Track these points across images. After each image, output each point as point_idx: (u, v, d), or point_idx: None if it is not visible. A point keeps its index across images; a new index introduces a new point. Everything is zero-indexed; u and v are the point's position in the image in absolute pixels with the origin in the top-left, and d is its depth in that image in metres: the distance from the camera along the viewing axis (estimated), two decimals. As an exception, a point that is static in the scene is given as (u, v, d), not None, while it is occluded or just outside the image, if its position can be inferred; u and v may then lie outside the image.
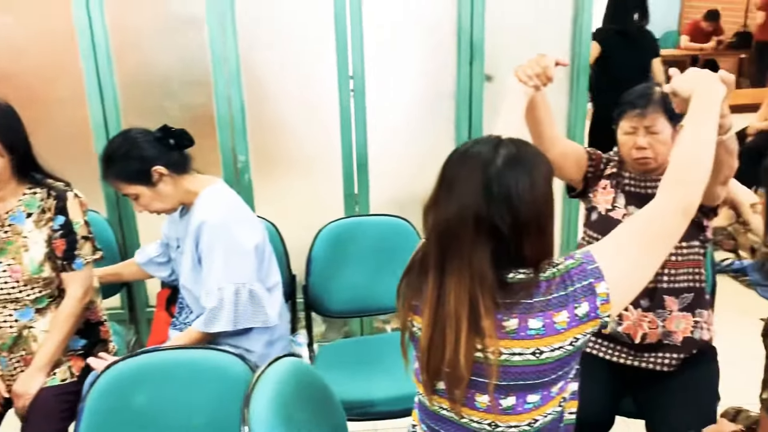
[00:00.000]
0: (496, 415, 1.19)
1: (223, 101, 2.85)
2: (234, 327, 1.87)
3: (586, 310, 1.15)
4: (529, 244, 1.15)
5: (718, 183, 1.67)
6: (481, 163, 1.15)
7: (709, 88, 1.33)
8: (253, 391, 1.31)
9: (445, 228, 1.16)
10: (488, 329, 1.12)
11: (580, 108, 3.01)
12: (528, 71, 1.61)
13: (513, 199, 1.13)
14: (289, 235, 2.52)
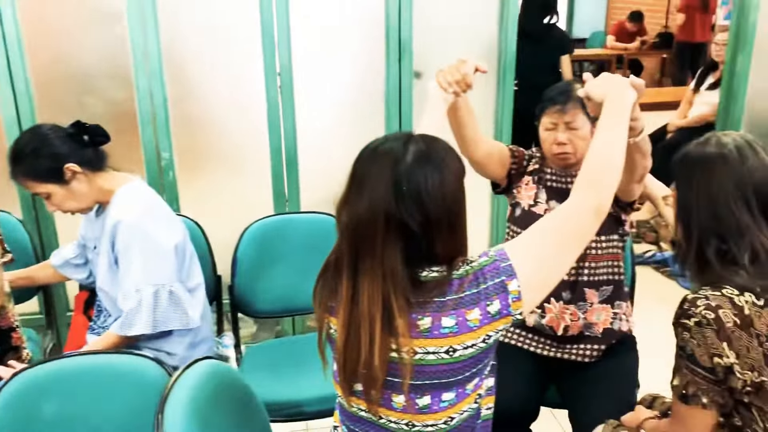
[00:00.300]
0: (413, 414, 1.18)
1: (145, 97, 2.76)
2: (153, 330, 1.81)
3: (498, 307, 1.15)
4: (441, 242, 1.15)
5: (634, 182, 1.73)
6: (391, 160, 1.14)
7: (620, 93, 1.36)
8: (168, 396, 1.27)
9: (356, 227, 1.14)
10: (402, 329, 1.11)
11: (506, 104, 3.06)
12: (448, 77, 1.61)
13: (423, 196, 1.12)
14: (217, 234, 2.46)
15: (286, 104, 2.85)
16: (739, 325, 1.25)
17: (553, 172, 1.92)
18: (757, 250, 1.32)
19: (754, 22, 3.16)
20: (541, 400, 1.92)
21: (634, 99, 1.37)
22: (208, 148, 2.94)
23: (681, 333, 1.31)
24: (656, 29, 8.90)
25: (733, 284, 1.30)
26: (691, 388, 1.30)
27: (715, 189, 1.35)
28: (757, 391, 1.25)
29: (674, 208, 1.46)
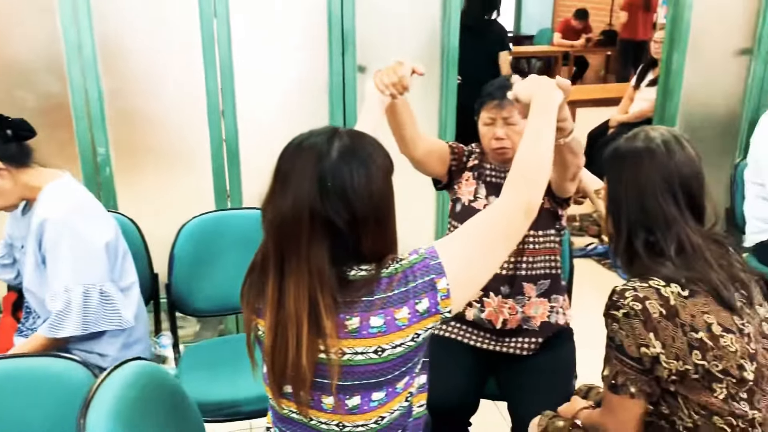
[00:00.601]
0: (342, 415, 1.17)
1: (79, 91, 2.68)
2: (84, 331, 1.75)
3: (427, 305, 1.14)
4: (369, 240, 1.13)
5: (567, 180, 1.76)
6: (316, 155, 1.12)
7: (547, 95, 1.37)
8: (92, 399, 1.22)
9: (280, 225, 1.12)
10: (329, 329, 1.09)
11: (450, 99, 3.07)
12: (384, 80, 1.60)
13: (348, 193, 1.10)
14: (156, 232, 2.40)
15: (227, 98, 2.80)
16: (665, 315, 1.28)
17: (493, 167, 1.93)
18: (683, 242, 1.35)
19: (689, 20, 3.25)
20: (480, 393, 1.94)
21: (560, 100, 1.39)
22: (146, 143, 2.86)
23: (610, 324, 1.33)
24: (601, 27, 9.09)
25: (660, 275, 1.32)
26: (620, 378, 1.33)
27: (642, 182, 1.38)
28: (682, 379, 1.28)
29: (605, 202, 1.48)
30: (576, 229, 4.24)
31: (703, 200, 1.41)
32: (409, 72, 1.62)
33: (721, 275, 1.34)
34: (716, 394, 1.27)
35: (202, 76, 2.76)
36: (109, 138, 2.77)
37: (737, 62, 3.41)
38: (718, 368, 1.26)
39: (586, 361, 1.98)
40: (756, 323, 1.35)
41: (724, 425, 1.27)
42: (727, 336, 1.28)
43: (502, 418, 2.36)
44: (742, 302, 1.35)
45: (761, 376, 1.29)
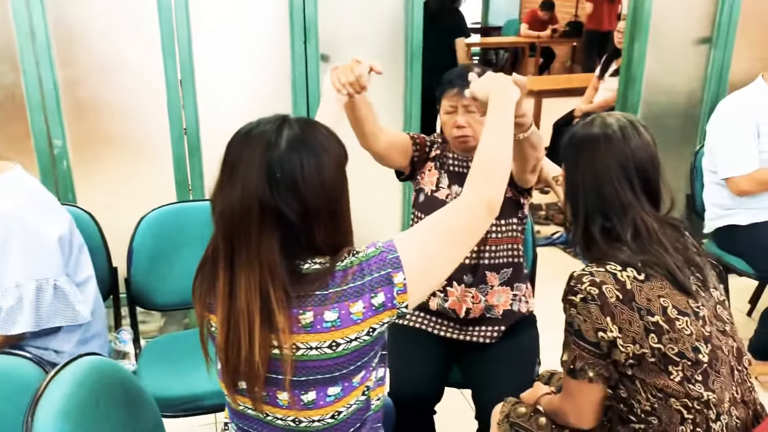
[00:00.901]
0: (298, 410, 1.14)
1: (33, 81, 2.60)
2: (37, 327, 1.70)
3: (383, 300, 1.11)
4: (321, 232, 1.11)
5: (527, 172, 1.77)
6: (264, 145, 1.08)
7: (503, 92, 1.35)
8: (41, 396, 1.19)
9: (230, 217, 1.08)
10: (282, 324, 1.07)
11: (414, 87, 3.06)
12: (342, 79, 1.58)
13: (298, 184, 1.07)
14: (116, 225, 2.34)
15: (187, 88, 2.75)
16: (622, 299, 1.28)
17: (455, 156, 1.93)
18: (639, 227, 1.36)
19: (649, 9, 3.29)
20: (445, 381, 1.94)
21: (517, 96, 1.38)
22: (105, 134, 2.80)
23: (568, 309, 1.34)
24: (567, 18, 9.15)
25: (617, 260, 1.33)
26: (578, 363, 1.33)
27: (599, 168, 1.38)
28: (639, 363, 1.29)
29: (563, 188, 1.49)
30: (542, 218, 4.27)
31: (659, 185, 1.42)
32: (366, 70, 1.59)
33: (677, 259, 1.35)
34: (672, 377, 1.28)
35: (161, 64, 2.70)
36: (66, 130, 2.70)
37: (697, 51, 3.46)
38: (673, 351, 1.28)
39: (551, 347, 1.99)
40: (710, 306, 1.37)
41: (680, 407, 1.29)
42: (683, 319, 1.29)
43: (468, 405, 2.37)
44: (697, 285, 1.36)
45: (715, 358, 1.31)
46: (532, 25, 8.72)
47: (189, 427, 2.34)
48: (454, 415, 2.24)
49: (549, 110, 5.23)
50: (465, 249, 1.24)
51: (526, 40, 8.72)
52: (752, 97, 2.58)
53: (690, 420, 1.29)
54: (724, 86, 3.48)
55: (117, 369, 1.38)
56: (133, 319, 2.20)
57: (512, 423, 1.56)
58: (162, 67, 2.71)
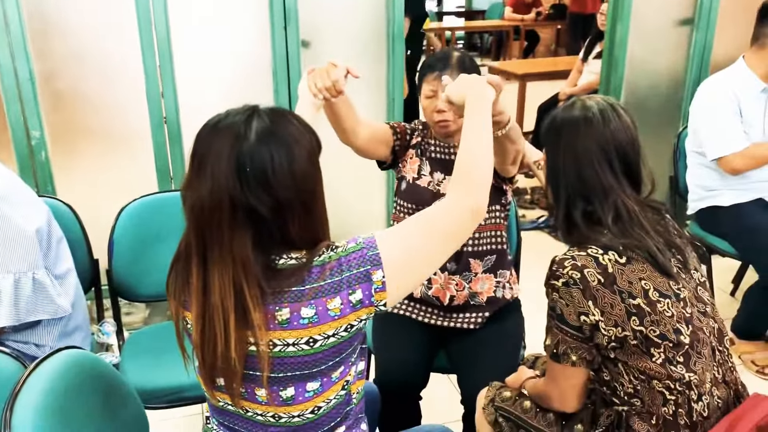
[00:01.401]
0: (277, 407, 1.13)
1: (8, 72, 2.56)
2: (17, 321, 1.68)
3: (360, 296, 1.09)
4: (296, 226, 1.08)
5: (508, 164, 1.77)
6: (233, 137, 1.04)
7: (479, 94, 1.34)
8: (20, 391, 1.17)
9: (200, 212, 1.05)
10: (258, 321, 1.05)
11: (397, 75, 3.04)
12: (318, 83, 1.55)
13: (269, 178, 1.04)
14: (96, 217, 2.32)
15: (166, 76, 2.71)
16: (603, 283, 1.28)
17: (437, 143, 1.92)
18: (620, 210, 1.36)
19: (632, -9, 3.27)
20: (430, 368, 1.94)
21: (493, 97, 1.37)
22: (84, 125, 2.76)
23: (551, 294, 1.34)
24: (551, 1, 9.12)
25: (598, 243, 1.33)
26: (561, 347, 1.34)
27: (579, 151, 1.38)
28: (621, 345, 1.30)
29: (545, 173, 1.48)
30: (527, 202, 4.28)
31: (640, 168, 1.42)
32: (343, 74, 1.57)
33: (658, 241, 1.35)
34: (654, 359, 1.29)
35: (139, 52, 2.67)
36: (43, 121, 2.66)
37: (679, 32, 3.46)
38: (655, 333, 1.28)
39: (536, 331, 2.00)
40: (691, 287, 1.37)
41: (662, 389, 1.30)
42: (664, 301, 1.30)
43: (453, 390, 2.38)
44: (678, 267, 1.37)
45: (696, 339, 1.31)
46: (517, 9, 8.69)
47: (175, 417, 2.34)
48: (440, 401, 2.25)
49: (533, 94, 5.23)
50: (447, 252, 1.20)
51: (510, 24, 8.70)
52: (733, 78, 2.58)
53: (672, 401, 1.30)
54: (706, 68, 3.49)
55: (97, 362, 1.37)
56: (116, 311, 2.19)
57: (497, 407, 1.57)
58: (140, 55, 2.67)
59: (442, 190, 1.88)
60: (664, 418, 1.30)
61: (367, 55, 2.99)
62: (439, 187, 1.88)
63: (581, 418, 1.40)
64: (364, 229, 1.77)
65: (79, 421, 1.22)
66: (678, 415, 1.30)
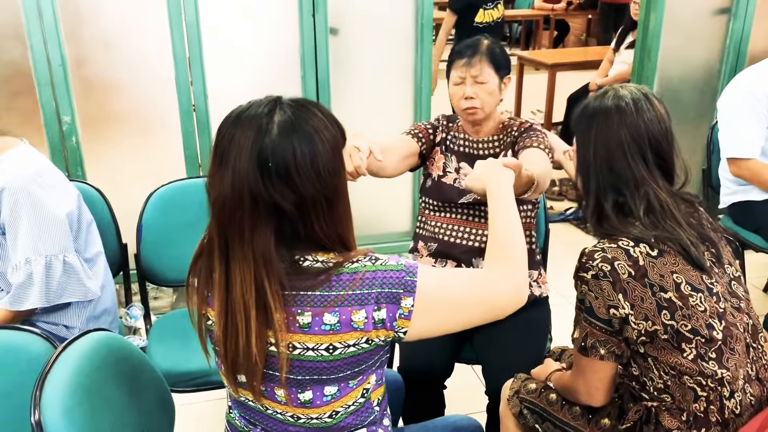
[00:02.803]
0: (295, 408, 1.12)
1: (41, 57, 2.59)
2: (48, 303, 1.71)
3: (383, 317, 1.06)
4: (319, 223, 1.06)
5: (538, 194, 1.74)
6: (254, 131, 1.02)
7: (497, 181, 1.34)
8: (49, 372, 1.19)
9: (221, 207, 1.03)
10: (279, 322, 1.03)
11: (425, 62, 3.01)
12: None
13: (291, 173, 1.01)
14: (125, 202, 2.34)
15: (195, 64, 2.72)
16: (634, 276, 1.26)
17: (464, 137, 1.91)
18: (652, 202, 1.33)
19: (667, -21, 3.20)
20: (455, 358, 1.93)
21: (512, 179, 1.36)
22: (114, 112, 2.79)
23: (580, 286, 1.32)
24: (582, -10, 8.97)
25: (629, 236, 1.31)
26: (589, 340, 1.31)
27: (611, 142, 1.35)
28: (652, 340, 1.27)
29: (575, 163, 1.45)
30: (555, 193, 4.23)
31: (673, 159, 1.39)
32: (365, 156, 1.53)
33: (691, 234, 1.32)
34: (685, 354, 1.26)
35: (169, 40, 2.68)
36: (74, 106, 2.69)
37: (715, 21, 3.38)
38: (687, 328, 1.25)
39: (563, 323, 1.98)
40: (724, 282, 1.34)
41: (693, 385, 1.27)
42: (696, 295, 1.27)
43: (478, 381, 2.37)
44: (712, 261, 1.34)
45: (730, 335, 1.28)
46: (547, -2, 8.56)
47: (199, 402, 2.36)
48: (465, 391, 2.24)
49: (563, 84, 5.16)
50: (479, 317, 1.16)
51: (540, 13, 8.57)
52: (766, 74, 2.52)
53: (703, 397, 1.27)
54: (743, 59, 3.40)
55: (125, 344, 1.38)
56: (144, 295, 2.21)
57: (522, 399, 1.55)
58: (170, 44, 2.68)
59: None
60: (695, 415, 1.28)
61: (395, 43, 2.97)
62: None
63: (608, 413, 1.38)
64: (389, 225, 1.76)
65: (106, 402, 1.24)
66: (709, 412, 1.27)
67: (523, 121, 1.90)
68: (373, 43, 2.94)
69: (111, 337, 1.35)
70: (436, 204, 1.91)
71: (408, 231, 3.19)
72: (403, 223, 3.21)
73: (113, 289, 1.96)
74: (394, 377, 1.69)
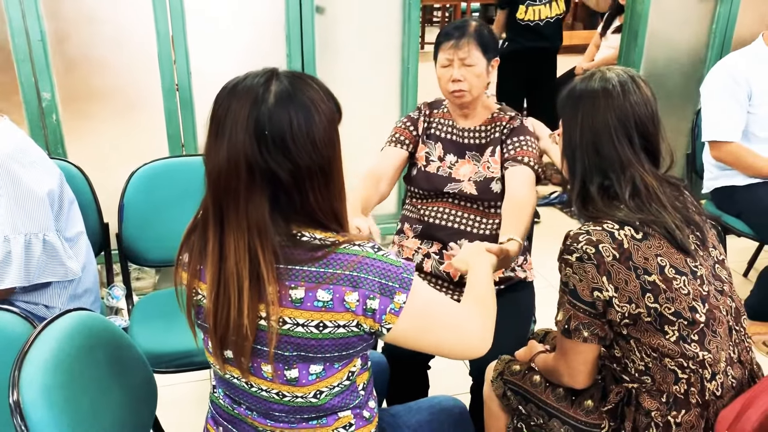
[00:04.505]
0: (281, 385, 1.12)
1: (20, 33, 2.53)
2: (27, 282, 1.68)
3: (375, 307, 1.06)
4: (315, 194, 1.06)
5: None
6: (251, 100, 1.02)
7: (479, 262, 1.40)
8: (28, 351, 1.17)
9: (217, 176, 1.03)
10: (272, 295, 1.03)
11: (413, 42, 2.99)
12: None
13: (287, 141, 1.01)
14: (107, 181, 2.31)
15: (178, 42, 2.68)
16: (618, 258, 1.26)
17: (449, 123, 1.91)
18: (638, 185, 1.33)
19: (654, -37, 3.19)
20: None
21: (493, 262, 1.43)
22: (95, 89, 2.74)
23: (564, 269, 1.32)
24: (569, -27, 8.92)
25: (614, 218, 1.30)
26: (573, 323, 1.32)
27: (598, 123, 1.34)
28: (635, 322, 1.28)
29: (560, 146, 1.45)
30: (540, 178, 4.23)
31: (659, 142, 1.38)
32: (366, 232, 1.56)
33: (676, 217, 1.32)
34: (668, 336, 1.27)
35: (152, 16, 2.63)
36: (54, 83, 2.64)
37: (702, 6, 3.38)
38: (670, 311, 1.26)
39: (546, 305, 1.98)
40: (708, 265, 1.35)
41: (675, 367, 1.28)
42: (680, 278, 1.27)
43: (462, 362, 2.38)
44: (696, 244, 1.34)
45: (712, 318, 1.29)
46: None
47: (183, 382, 2.35)
48: (449, 372, 2.25)
49: (549, 68, 5.14)
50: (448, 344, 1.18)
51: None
52: (747, 60, 2.55)
53: (684, 379, 1.28)
54: (728, 44, 3.41)
55: (106, 324, 1.36)
56: (126, 275, 2.19)
57: (506, 380, 1.56)
58: (153, 21, 2.64)
59: (454, 174, 1.86)
60: (675, 396, 1.29)
61: (382, 22, 2.94)
62: (451, 170, 1.87)
63: (591, 394, 1.39)
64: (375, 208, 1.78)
65: (87, 382, 1.22)
66: (689, 394, 1.28)
67: (512, 115, 1.89)
68: (360, 22, 2.91)
69: (92, 317, 1.33)
70: (424, 193, 1.91)
71: (395, 213, 3.19)
72: (390, 206, 3.20)
73: (95, 269, 1.94)
74: (379, 358, 1.69)
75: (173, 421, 1.85)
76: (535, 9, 3.73)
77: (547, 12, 3.78)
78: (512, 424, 1.55)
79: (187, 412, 2.22)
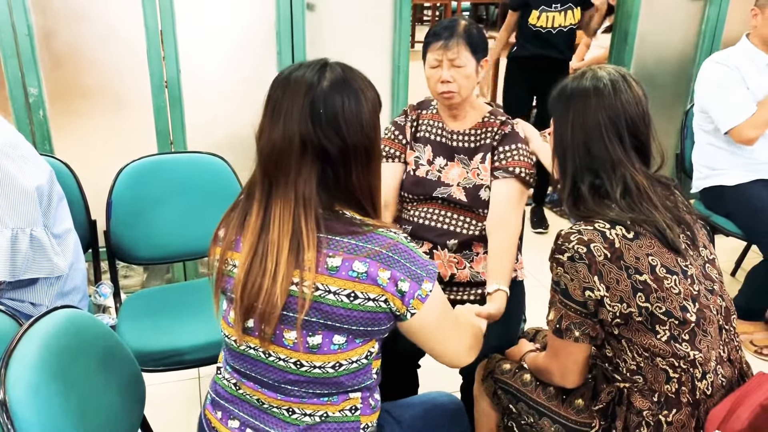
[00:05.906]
0: (302, 353, 1.15)
1: (6, 25, 2.50)
2: (12, 277, 1.65)
3: (406, 289, 1.13)
4: (359, 171, 1.15)
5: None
6: (306, 85, 1.12)
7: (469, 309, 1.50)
8: (14, 349, 1.16)
9: (270, 152, 1.12)
10: (309, 262, 1.09)
11: (403, 40, 2.98)
12: None
13: (339, 119, 1.11)
14: (95, 178, 2.29)
15: (168, 39, 2.65)
16: (610, 258, 1.26)
17: (439, 125, 1.89)
18: (629, 184, 1.33)
19: (645, -37, 3.20)
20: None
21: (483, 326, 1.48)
22: (83, 85, 2.71)
23: (555, 268, 1.32)
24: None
25: (606, 218, 1.31)
26: (564, 322, 1.32)
27: (589, 123, 1.34)
28: (626, 322, 1.28)
29: (551, 145, 1.45)
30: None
31: (650, 141, 1.39)
32: None
33: (666, 217, 1.33)
34: (659, 336, 1.27)
35: (141, 12, 2.60)
36: (42, 78, 2.61)
37: (691, 6, 3.39)
38: (661, 310, 1.26)
39: (537, 305, 1.99)
40: (699, 264, 1.35)
41: (666, 366, 1.28)
42: (671, 278, 1.28)
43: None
44: (687, 244, 1.34)
45: (703, 317, 1.30)
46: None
47: (171, 381, 2.34)
48: (439, 370, 2.22)
49: (539, 67, 5.15)
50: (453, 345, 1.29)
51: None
52: (736, 57, 2.56)
53: (675, 379, 1.28)
54: (717, 44, 3.43)
55: (94, 322, 1.35)
56: (113, 273, 2.17)
57: (496, 379, 1.56)
58: (142, 17, 2.61)
59: (443, 177, 1.85)
60: (666, 396, 1.29)
61: (373, 20, 2.93)
62: (440, 174, 1.86)
63: (582, 393, 1.39)
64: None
65: (74, 381, 1.21)
66: (681, 393, 1.29)
67: (503, 121, 1.86)
68: (350, 20, 2.90)
69: (80, 314, 1.32)
70: (414, 197, 1.90)
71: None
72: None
73: (83, 267, 1.91)
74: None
75: (162, 420, 1.84)
76: (549, 15, 3.56)
77: (561, 20, 3.61)
78: (502, 423, 1.55)
79: (175, 412, 2.20)
